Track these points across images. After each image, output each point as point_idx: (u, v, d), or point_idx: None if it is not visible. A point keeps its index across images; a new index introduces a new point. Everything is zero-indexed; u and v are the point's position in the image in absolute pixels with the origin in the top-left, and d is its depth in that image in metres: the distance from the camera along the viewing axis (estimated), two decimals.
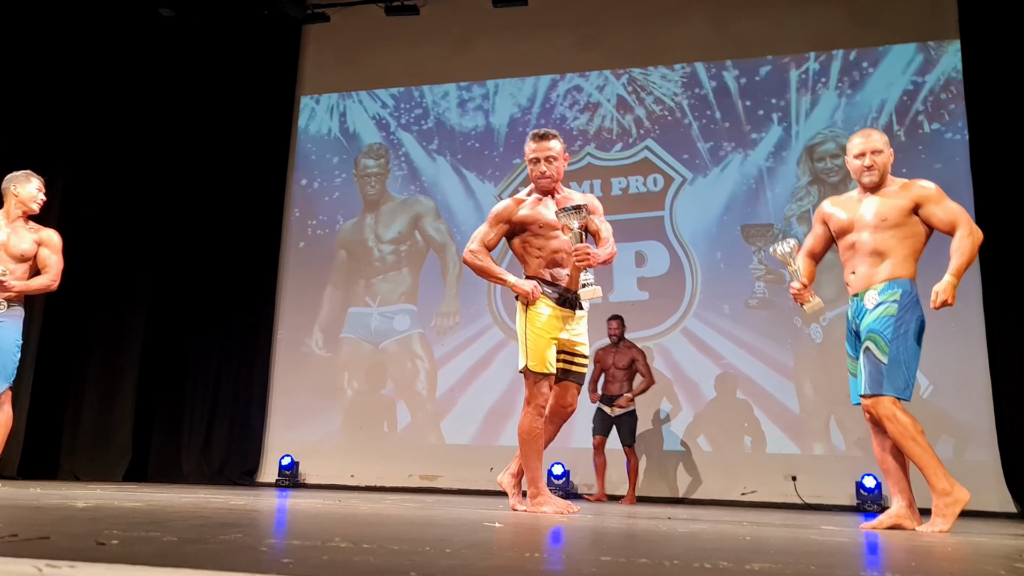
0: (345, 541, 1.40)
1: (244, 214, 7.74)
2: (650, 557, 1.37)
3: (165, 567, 0.93)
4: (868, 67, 6.98)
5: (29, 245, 4.68)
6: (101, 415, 7.22)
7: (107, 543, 1.20)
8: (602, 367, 6.63)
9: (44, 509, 2.09)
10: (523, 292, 3.50)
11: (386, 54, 8.10)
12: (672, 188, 7.21)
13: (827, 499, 6.28)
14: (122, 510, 2.15)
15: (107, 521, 1.72)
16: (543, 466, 3.64)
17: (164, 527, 1.57)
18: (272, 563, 1.04)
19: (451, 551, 1.31)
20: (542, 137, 3.62)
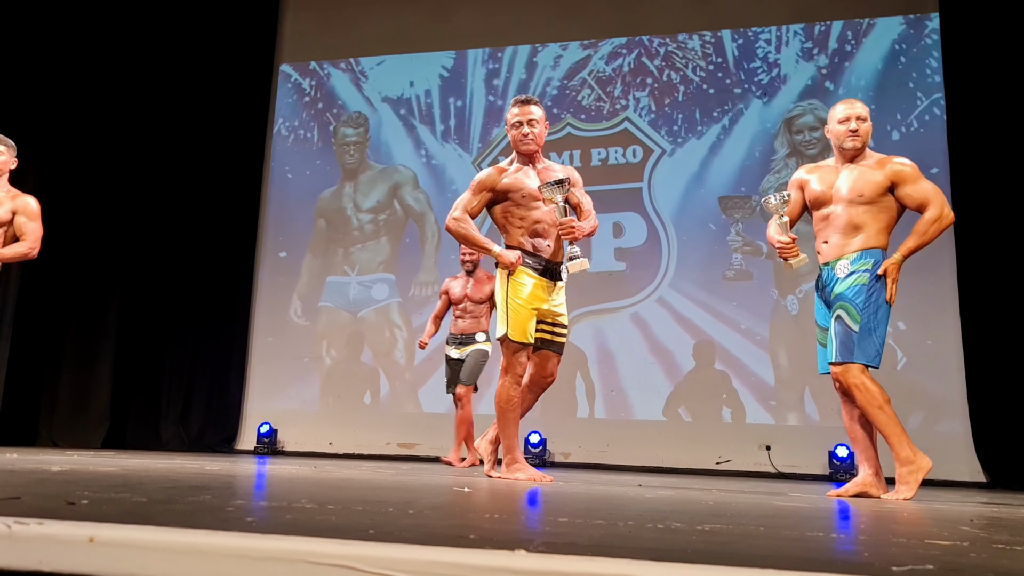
0: (311, 503, 1.42)
1: (223, 183, 7.70)
2: (606, 519, 1.41)
3: (129, 524, 0.95)
4: (848, 39, 7.00)
5: (3, 212, 4.63)
6: (79, 382, 7.22)
7: (76, 503, 1.22)
8: (450, 300, 6.09)
9: (18, 473, 2.11)
10: (507, 262, 3.52)
11: (366, 22, 8.04)
12: (651, 160, 7.22)
13: (800, 468, 6.38)
14: (96, 474, 2.17)
15: (79, 484, 1.74)
16: (520, 434, 3.68)
17: (135, 489, 1.60)
18: (235, 521, 1.07)
19: (413, 512, 1.34)
20: (524, 102, 3.64)
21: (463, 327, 5.98)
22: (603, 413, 6.89)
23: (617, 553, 0.85)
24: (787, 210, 3.46)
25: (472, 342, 5.94)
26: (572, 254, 3.43)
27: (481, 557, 0.83)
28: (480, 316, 5.99)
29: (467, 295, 6.02)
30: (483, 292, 5.96)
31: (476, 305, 5.98)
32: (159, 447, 7.12)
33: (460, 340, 6.00)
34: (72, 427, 7.08)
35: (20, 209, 4.64)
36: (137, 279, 7.54)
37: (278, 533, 0.92)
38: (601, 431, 6.82)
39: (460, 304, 6.04)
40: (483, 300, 5.96)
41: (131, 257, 7.53)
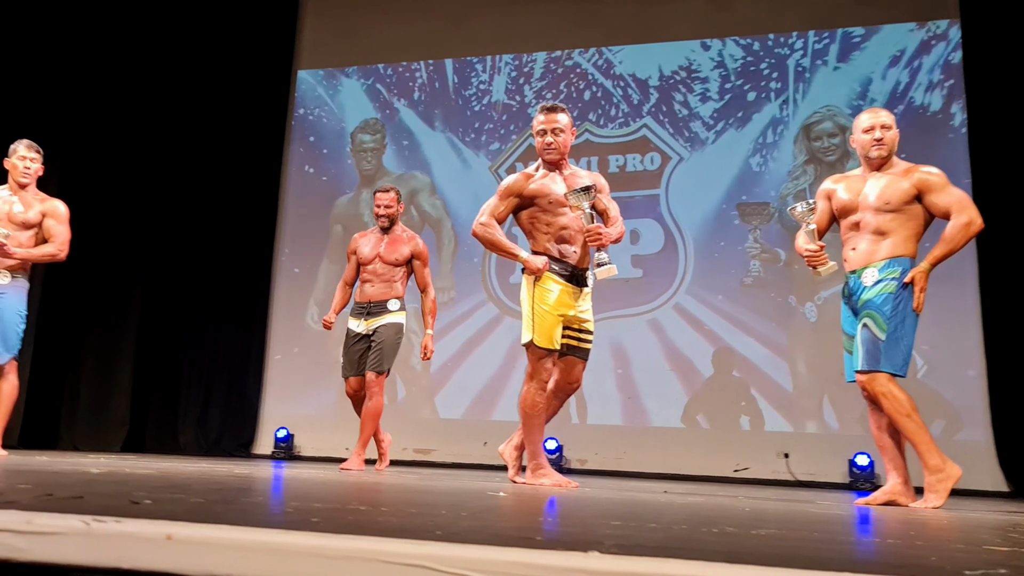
0: (364, 505, 1.43)
1: (241, 189, 7.73)
2: (657, 523, 1.41)
3: (207, 523, 0.96)
4: (867, 46, 6.98)
5: (33, 215, 4.69)
6: (99, 386, 7.26)
7: (140, 502, 1.23)
8: (359, 260, 5.16)
9: (63, 474, 2.13)
10: (533, 267, 3.53)
11: (383, 29, 8.06)
12: (669, 166, 7.22)
13: (819, 476, 6.34)
14: (137, 476, 2.19)
15: (129, 484, 1.75)
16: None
17: (187, 491, 1.61)
18: (302, 522, 1.08)
19: (467, 515, 1.35)
20: (550, 110, 3.65)
21: (371, 293, 5.03)
22: (620, 420, 6.87)
23: (689, 555, 0.86)
24: (814, 218, 3.45)
25: (383, 311, 5.00)
26: (600, 260, 3.43)
27: (557, 558, 0.83)
28: (393, 280, 5.05)
29: (379, 255, 5.07)
30: (399, 252, 5.05)
31: (389, 267, 5.05)
32: (177, 451, 7.14)
33: (367, 310, 5.03)
34: (92, 430, 7.12)
35: (49, 212, 4.70)
36: (157, 283, 7.58)
37: (347, 533, 0.93)
38: (618, 438, 6.81)
39: (370, 265, 5.07)
40: (398, 262, 5.04)
41: (151, 262, 7.58)
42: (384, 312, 4.99)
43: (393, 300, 5.02)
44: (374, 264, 5.06)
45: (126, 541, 0.92)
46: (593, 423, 6.88)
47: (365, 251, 5.10)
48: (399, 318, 5.03)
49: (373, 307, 5.02)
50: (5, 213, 4.67)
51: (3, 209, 4.68)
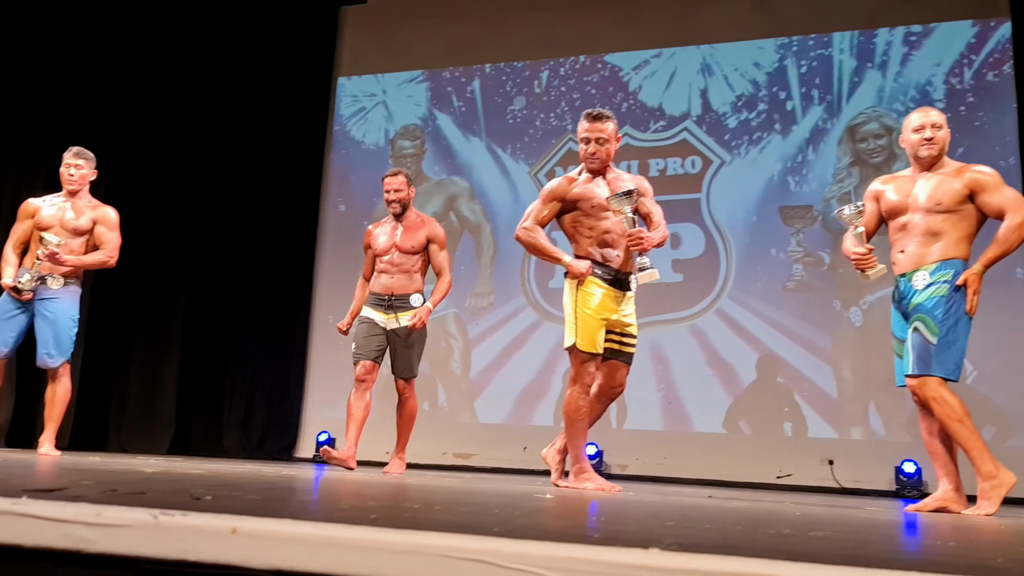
0: (416, 504, 1.44)
1: (283, 195, 7.82)
2: (712, 524, 1.40)
3: (270, 517, 0.98)
4: (914, 46, 6.87)
5: (84, 221, 4.79)
6: (146, 390, 7.39)
7: (202, 498, 1.25)
8: (375, 253, 4.95)
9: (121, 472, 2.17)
10: (577, 271, 3.53)
11: (422, 36, 8.11)
12: (710, 170, 7.17)
13: (865, 484, 6.24)
14: (191, 476, 2.23)
15: (185, 482, 1.78)
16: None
17: (242, 488, 1.63)
18: (360, 518, 1.09)
19: (520, 514, 1.35)
20: (596, 118, 3.64)
21: (389, 284, 4.79)
22: (661, 425, 6.83)
23: (750, 554, 0.85)
24: (861, 221, 3.40)
25: (406, 306, 4.77)
26: (642, 265, 3.42)
27: (618, 555, 0.83)
28: (412, 271, 4.82)
29: (395, 244, 4.81)
30: (416, 239, 4.79)
31: (406, 256, 4.81)
32: (222, 454, 7.23)
33: (388, 302, 4.80)
34: (140, 433, 7.24)
35: (100, 219, 4.81)
36: (201, 289, 7.69)
37: (406, 528, 0.94)
38: (659, 443, 6.76)
39: (386, 255, 4.83)
40: (415, 250, 4.79)
41: (196, 267, 7.69)
42: (407, 308, 4.76)
43: (415, 295, 4.78)
44: (391, 254, 4.82)
45: (192, 534, 0.94)
46: (634, 428, 6.84)
47: (381, 241, 4.88)
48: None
49: (395, 301, 4.78)
50: (58, 220, 4.78)
51: (56, 216, 4.80)
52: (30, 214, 4.85)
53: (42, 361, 4.71)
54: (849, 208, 3.39)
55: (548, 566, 0.83)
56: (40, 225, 4.77)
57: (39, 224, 4.78)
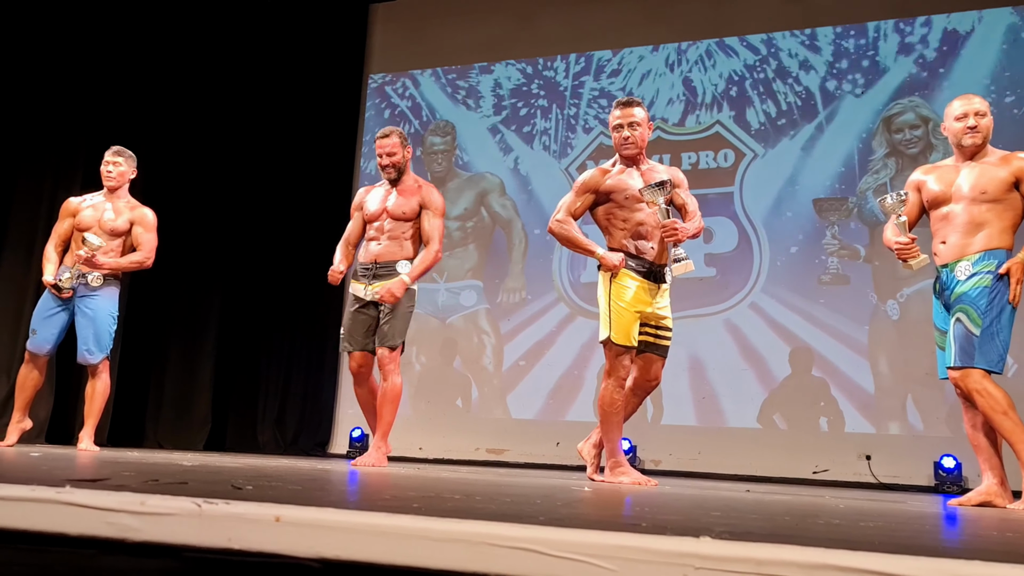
0: (457, 494, 1.43)
1: (316, 191, 7.85)
2: (758, 514, 1.38)
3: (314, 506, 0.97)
4: (951, 34, 6.74)
5: (122, 222, 4.86)
6: (182, 386, 7.46)
7: (243, 488, 1.25)
8: (365, 218, 4.62)
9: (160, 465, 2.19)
10: (610, 264, 3.50)
11: (452, 32, 8.10)
12: (743, 163, 7.09)
13: (903, 479, 6.14)
14: (230, 468, 2.24)
15: (225, 474, 1.79)
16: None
17: (282, 479, 1.63)
18: (403, 507, 1.08)
19: (563, 504, 1.34)
20: (626, 104, 3.63)
21: (377, 252, 4.44)
22: (694, 420, 6.78)
23: (804, 542, 0.83)
24: (904, 210, 3.34)
25: (391, 274, 4.38)
26: (677, 256, 3.40)
27: (669, 543, 0.81)
28: (403, 238, 4.44)
29: (386, 209, 4.46)
30: (409, 206, 4.42)
31: (397, 223, 4.45)
32: (256, 450, 7.28)
33: (373, 272, 4.44)
34: (176, 429, 7.31)
35: (138, 220, 4.87)
36: (235, 286, 7.75)
37: (451, 517, 0.93)
38: (692, 438, 6.71)
39: (375, 221, 4.49)
40: (408, 217, 4.42)
41: (229, 265, 7.75)
42: (392, 275, 4.36)
43: (403, 262, 4.37)
44: (380, 220, 4.47)
45: (236, 522, 0.94)
46: (667, 423, 6.79)
47: (371, 207, 4.54)
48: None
49: (379, 269, 4.41)
50: (97, 220, 4.85)
51: (95, 216, 4.87)
52: (71, 213, 4.93)
53: (82, 358, 4.78)
54: (891, 196, 3.33)
55: (597, 554, 0.81)
56: (79, 225, 4.84)
57: (78, 224, 4.85)
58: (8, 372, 6.26)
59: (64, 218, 4.94)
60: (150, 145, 7.36)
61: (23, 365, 4.83)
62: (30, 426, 4.92)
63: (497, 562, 0.84)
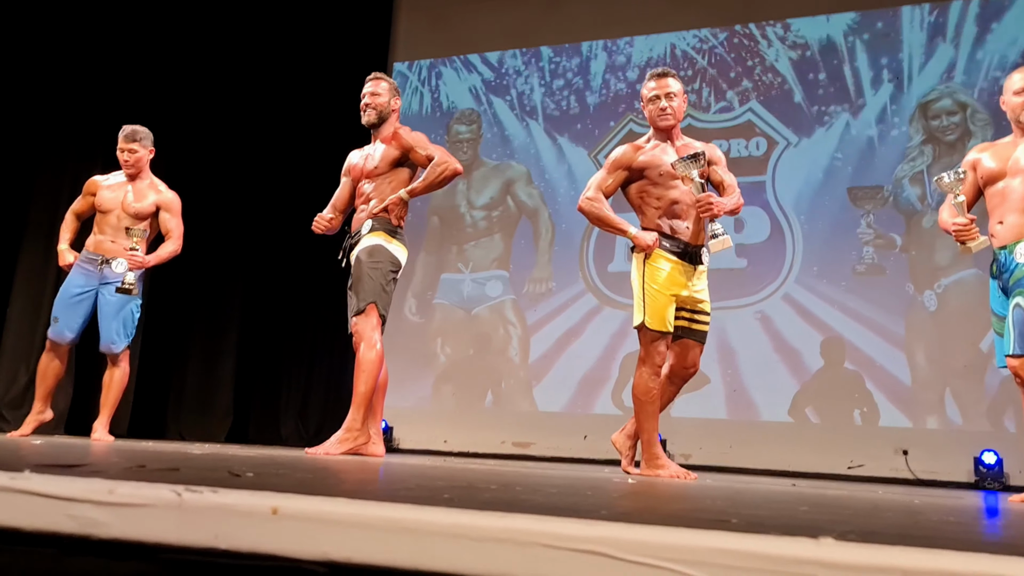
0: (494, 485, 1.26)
1: (338, 179, 7.72)
2: (854, 511, 1.21)
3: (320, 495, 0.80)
4: (990, 18, 6.51)
5: (147, 205, 4.76)
6: (204, 378, 7.40)
7: (242, 475, 1.09)
8: (353, 179, 4.28)
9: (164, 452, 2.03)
10: (643, 244, 3.32)
11: (478, 19, 7.96)
12: (776, 151, 6.89)
13: (942, 475, 5.95)
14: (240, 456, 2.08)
15: (231, 462, 1.63)
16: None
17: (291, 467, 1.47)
18: (432, 498, 0.91)
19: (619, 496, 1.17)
20: (662, 75, 3.46)
21: (358, 219, 4.10)
22: (725, 414, 6.60)
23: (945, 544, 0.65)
24: (962, 189, 3.13)
25: (358, 239, 4.00)
26: (714, 231, 3.21)
27: (781, 546, 0.63)
28: (383, 197, 3.99)
29: (363, 169, 4.10)
30: (389, 157, 4.03)
31: (374, 183, 4.04)
32: (279, 442, 7.20)
33: (353, 241, 4.08)
34: (198, 421, 7.25)
35: (164, 205, 4.78)
36: (258, 276, 7.67)
37: (491, 510, 0.74)
38: (723, 432, 6.54)
39: (359, 184, 4.15)
40: (385, 170, 4.02)
41: (252, 255, 7.66)
42: (359, 238, 3.95)
43: (367, 221, 3.94)
44: (362, 182, 4.11)
45: (224, 515, 0.76)
46: (698, 416, 6.60)
47: (354, 168, 4.19)
48: (372, 240, 3.92)
49: (353, 237, 4.05)
50: (119, 203, 4.75)
51: (117, 199, 4.76)
52: (91, 191, 4.84)
53: (106, 346, 4.68)
54: (949, 175, 3.12)
55: (687, 559, 0.63)
56: (100, 207, 4.77)
57: (99, 206, 4.78)
58: (28, 362, 6.19)
59: (85, 195, 4.86)
60: (172, 137, 7.28)
61: (44, 354, 4.73)
62: (50, 417, 4.82)
63: (555, 568, 0.66)
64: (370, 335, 3.81)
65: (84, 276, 4.68)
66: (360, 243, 3.91)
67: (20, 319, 6.47)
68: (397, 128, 4.14)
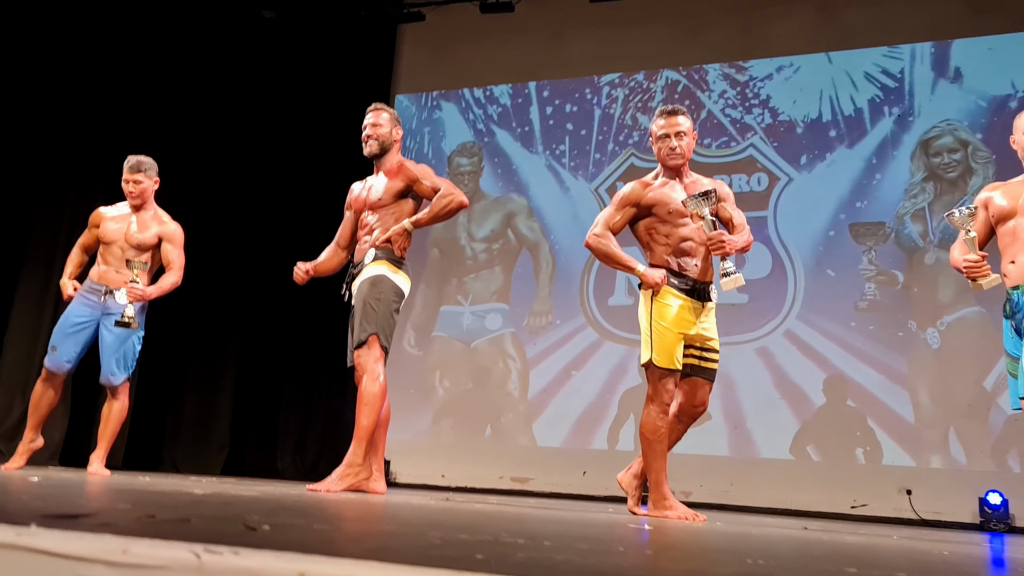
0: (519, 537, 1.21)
1: (341, 212, 7.69)
2: (909, 567, 1.16)
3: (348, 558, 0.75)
4: (988, 56, 6.55)
5: (149, 236, 4.73)
6: (201, 410, 7.32)
7: (258, 528, 1.04)
8: (355, 211, 4.20)
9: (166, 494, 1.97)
10: (651, 281, 3.28)
11: (480, 53, 8.00)
12: (777, 187, 6.89)
13: (946, 515, 5.88)
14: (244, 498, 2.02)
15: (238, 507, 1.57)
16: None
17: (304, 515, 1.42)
18: (464, 559, 0.85)
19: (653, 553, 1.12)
20: (671, 113, 3.43)
21: (360, 250, 4.01)
22: (726, 450, 6.54)
23: None
24: (974, 225, 3.11)
25: (361, 268, 3.92)
26: (726, 270, 3.17)
27: None
28: (386, 228, 3.92)
29: (366, 200, 4.00)
30: (393, 189, 3.95)
31: (377, 215, 3.98)
32: (276, 475, 7.11)
33: (354, 275, 4.00)
34: (194, 453, 7.17)
35: (167, 236, 4.74)
36: (257, 308, 7.61)
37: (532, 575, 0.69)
38: (724, 469, 6.48)
39: (362, 215, 4.04)
40: (389, 202, 3.96)
41: (252, 288, 7.61)
42: (361, 268, 3.88)
43: (369, 251, 3.88)
44: (365, 213, 4.03)
45: None
46: (698, 453, 6.53)
47: (357, 199, 4.11)
48: (375, 270, 3.85)
49: (355, 267, 3.98)
50: (123, 234, 4.71)
51: (120, 230, 4.73)
52: (96, 223, 4.82)
53: (106, 379, 4.61)
54: (960, 211, 3.10)
55: None
56: (104, 238, 4.74)
57: (102, 237, 4.75)
58: (23, 391, 6.12)
59: (90, 228, 4.85)
60: (174, 166, 7.26)
61: (39, 382, 4.66)
62: (41, 444, 4.75)
63: None
64: (373, 367, 3.74)
65: (86, 306, 4.63)
66: (363, 273, 3.86)
67: (16, 349, 6.40)
68: (403, 160, 4.11)
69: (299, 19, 7.89)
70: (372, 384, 3.73)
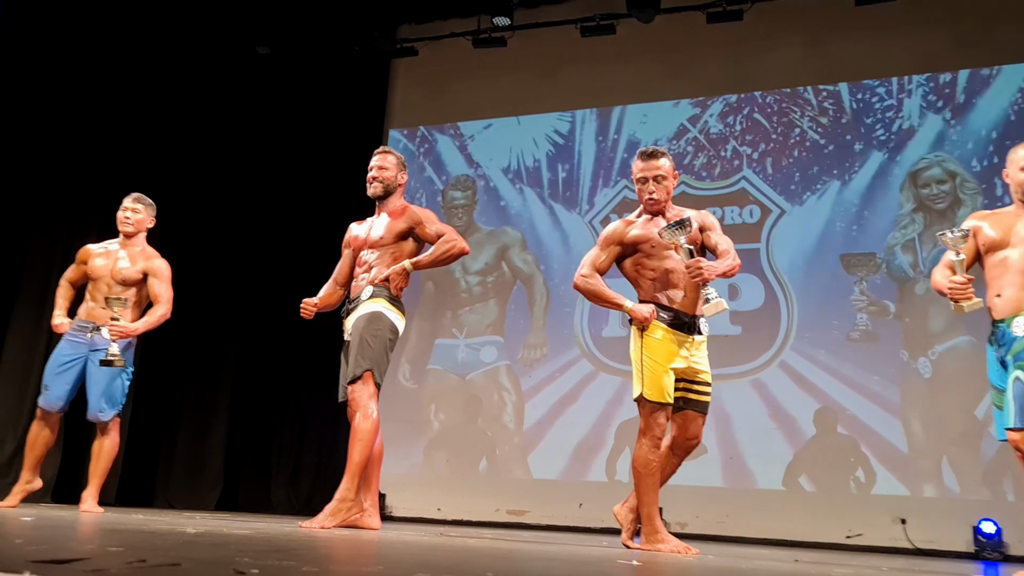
0: None
1: (335, 249, 7.72)
2: None
3: None
4: (976, 89, 6.64)
5: (135, 272, 4.74)
6: (194, 445, 7.29)
7: (246, 573, 1.06)
8: (354, 249, 4.24)
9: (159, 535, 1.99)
10: (641, 316, 3.31)
11: (473, 86, 8.07)
12: (769, 219, 6.95)
13: (941, 544, 5.89)
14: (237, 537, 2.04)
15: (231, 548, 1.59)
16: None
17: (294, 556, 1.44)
18: None
19: None
20: (650, 156, 3.47)
21: (356, 287, 4.04)
22: (721, 482, 6.55)
23: None
24: (965, 247, 3.10)
25: (357, 304, 3.95)
26: (707, 295, 3.19)
27: None
28: (383, 265, 3.96)
29: (367, 240, 4.06)
30: (395, 230, 4.02)
31: (377, 253, 4.02)
32: (270, 510, 7.08)
33: (349, 309, 4.04)
34: (188, 489, 7.13)
35: (153, 272, 4.74)
36: (250, 343, 7.61)
37: None
38: (719, 500, 6.48)
39: (361, 251, 4.09)
40: (390, 242, 4.01)
41: (245, 323, 7.62)
42: (358, 304, 3.92)
43: (367, 288, 3.92)
44: (364, 251, 4.07)
45: None
46: (694, 485, 6.54)
47: (359, 238, 4.15)
48: (372, 306, 3.88)
49: (350, 303, 4.02)
50: (109, 270, 4.72)
51: (107, 266, 4.74)
52: (83, 260, 4.83)
53: (94, 415, 4.61)
54: (952, 231, 3.10)
55: None
56: (91, 274, 4.74)
57: (90, 273, 4.76)
58: (15, 430, 6.11)
59: (78, 263, 4.85)
60: (169, 201, 7.31)
61: (34, 422, 4.66)
62: (39, 486, 4.74)
63: None
64: (366, 404, 3.76)
65: (72, 345, 4.63)
66: (359, 308, 3.91)
67: (8, 386, 6.39)
68: (407, 203, 4.24)
69: (293, 55, 7.97)
70: (365, 420, 3.77)
